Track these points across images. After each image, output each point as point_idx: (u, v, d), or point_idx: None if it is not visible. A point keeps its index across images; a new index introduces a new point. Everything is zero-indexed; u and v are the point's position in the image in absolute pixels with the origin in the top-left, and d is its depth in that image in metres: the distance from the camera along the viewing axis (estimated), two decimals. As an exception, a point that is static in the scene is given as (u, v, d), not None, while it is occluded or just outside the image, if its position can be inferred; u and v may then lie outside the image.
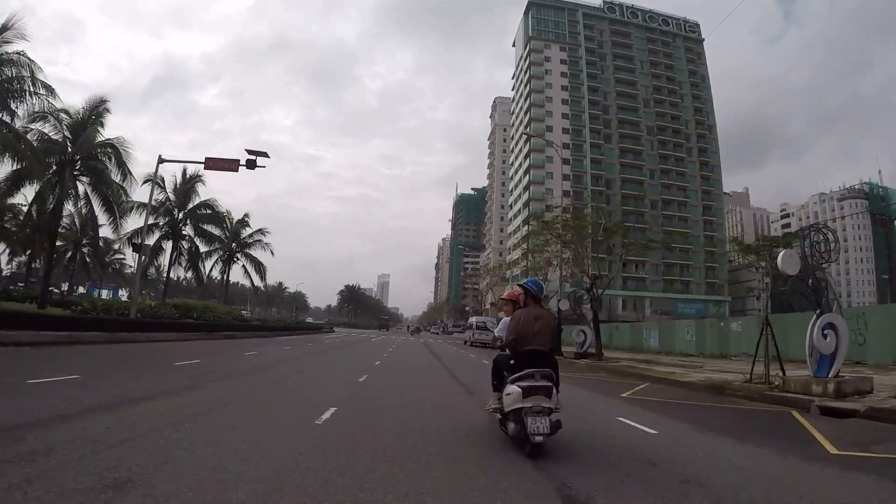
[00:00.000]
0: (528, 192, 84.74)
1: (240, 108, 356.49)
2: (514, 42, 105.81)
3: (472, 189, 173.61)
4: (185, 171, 34.63)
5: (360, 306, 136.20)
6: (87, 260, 46.93)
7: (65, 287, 57.65)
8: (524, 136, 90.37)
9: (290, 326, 47.55)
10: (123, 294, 67.77)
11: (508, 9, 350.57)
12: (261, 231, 43.51)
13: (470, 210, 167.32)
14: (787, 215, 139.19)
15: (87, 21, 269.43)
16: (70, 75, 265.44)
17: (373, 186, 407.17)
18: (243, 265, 42.65)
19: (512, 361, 5.55)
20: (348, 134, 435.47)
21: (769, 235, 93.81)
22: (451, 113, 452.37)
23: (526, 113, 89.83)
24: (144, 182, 29.49)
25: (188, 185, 34.54)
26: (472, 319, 49.03)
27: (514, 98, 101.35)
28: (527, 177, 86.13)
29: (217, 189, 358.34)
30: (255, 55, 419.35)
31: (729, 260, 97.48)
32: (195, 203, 35.21)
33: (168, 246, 34.43)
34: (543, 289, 6.11)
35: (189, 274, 37.47)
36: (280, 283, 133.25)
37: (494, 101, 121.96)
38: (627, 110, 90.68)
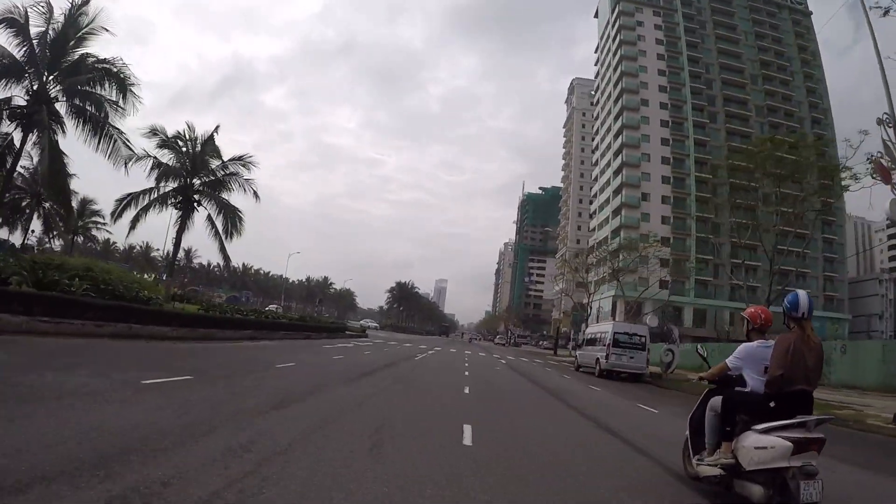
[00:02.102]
0: (620, 177, 70.78)
1: (304, 109, 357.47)
2: (596, 12, 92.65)
3: (540, 188, 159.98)
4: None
5: (413, 308, 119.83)
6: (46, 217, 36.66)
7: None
8: (613, 114, 76.74)
9: (276, 324, 26.54)
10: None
11: (576, 18, 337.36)
12: (241, 160, 23.98)
13: (538, 211, 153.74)
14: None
15: (157, 23, 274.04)
16: (141, 75, 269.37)
17: (430, 192, 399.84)
18: (209, 214, 23.44)
19: (772, 404, 4.31)
20: (409, 138, 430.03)
21: None
22: (512, 122, 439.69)
23: (616, 85, 76.31)
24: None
25: (77, 15, 16.92)
26: (607, 327, 25.68)
27: (598, 73, 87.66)
28: (618, 159, 72.22)
29: (278, 188, 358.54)
30: (320, 58, 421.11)
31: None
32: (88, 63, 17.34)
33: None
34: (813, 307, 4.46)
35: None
36: (325, 278, 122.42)
37: (572, 84, 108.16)
38: (733, 86, 76.33)
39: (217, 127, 24.10)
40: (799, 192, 32.52)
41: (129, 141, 18.62)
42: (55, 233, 38.30)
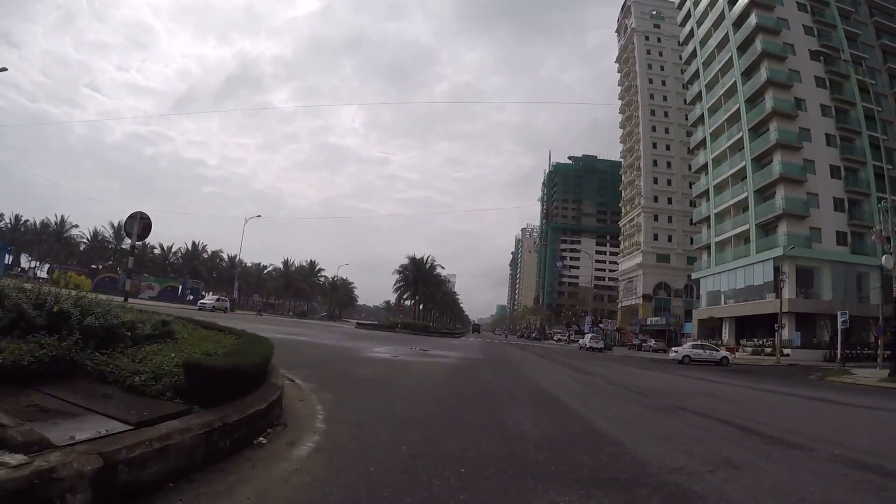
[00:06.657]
0: (763, 63, 46.12)
1: (308, 111, 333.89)
2: None
3: (570, 158, 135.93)
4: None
5: (434, 298, 76.15)
6: None
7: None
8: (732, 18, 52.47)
9: None
10: None
11: (589, 3, 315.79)
12: None
13: (568, 184, 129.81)
14: None
15: (157, 28, 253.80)
16: (142, 81, 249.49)
17: (437, 189, 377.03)
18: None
19: None
20: (414, 136, 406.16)
21: None
22: (520, 115, 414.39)
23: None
24: None
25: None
26: None
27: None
28: (752, 48, 47.65)
29: (286, 190, 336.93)
30: (322, 59, 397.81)
31: None
32: None
33: None
34: None
35: None
36: (312, 263, 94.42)
37: (626, 3, 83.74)
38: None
39: None
40: None
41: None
42: None
